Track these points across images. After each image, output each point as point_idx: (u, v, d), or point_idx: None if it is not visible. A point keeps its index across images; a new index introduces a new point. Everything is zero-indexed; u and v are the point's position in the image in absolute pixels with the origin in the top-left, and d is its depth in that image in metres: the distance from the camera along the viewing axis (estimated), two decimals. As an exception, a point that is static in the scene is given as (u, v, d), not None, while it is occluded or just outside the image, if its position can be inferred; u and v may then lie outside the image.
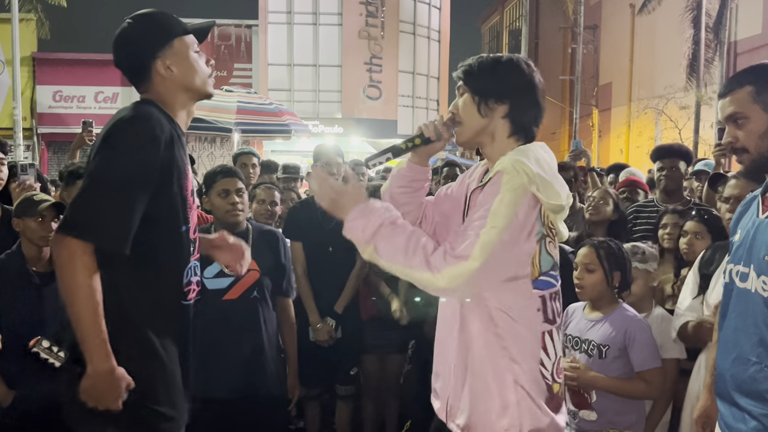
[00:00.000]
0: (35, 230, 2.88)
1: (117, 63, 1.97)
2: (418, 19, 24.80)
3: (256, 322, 3.00)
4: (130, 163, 1.73)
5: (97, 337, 1.71)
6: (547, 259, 1.77)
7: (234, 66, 20.99)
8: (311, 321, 3.60)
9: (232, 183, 3.02)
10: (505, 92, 1.78)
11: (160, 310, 1.85)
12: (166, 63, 1.90)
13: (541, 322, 1.76)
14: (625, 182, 4.66)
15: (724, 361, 1.78)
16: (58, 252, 1.71)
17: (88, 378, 1.72)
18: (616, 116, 24.22)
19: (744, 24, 17.07)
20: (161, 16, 1.97)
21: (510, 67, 1.81)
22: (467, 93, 1.82)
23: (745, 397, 1.70)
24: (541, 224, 1.72)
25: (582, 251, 2.73)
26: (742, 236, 1.79)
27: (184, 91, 1.95)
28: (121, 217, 1.72)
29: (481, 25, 41.69)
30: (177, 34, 1.94)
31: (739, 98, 1.73)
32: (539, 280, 1.75)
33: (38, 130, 18.35)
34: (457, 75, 1.85)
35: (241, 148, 5.64)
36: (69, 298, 1.71)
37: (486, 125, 1.81)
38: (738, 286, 1.76)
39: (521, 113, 1.80)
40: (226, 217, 3.01)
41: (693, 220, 3.11)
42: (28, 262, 2.91)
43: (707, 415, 2.05)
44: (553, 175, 1.73)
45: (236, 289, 2.97)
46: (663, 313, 2.91)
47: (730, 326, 1.78)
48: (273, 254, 3.09)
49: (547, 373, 1.77)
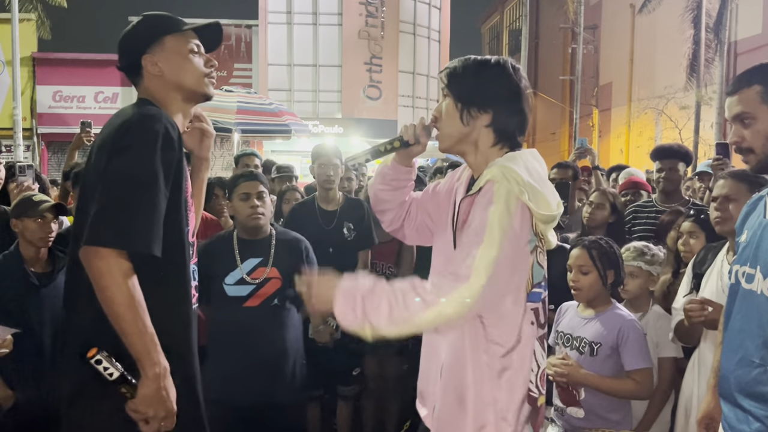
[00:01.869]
0: (35, 231, 2.87)
1: (118, 62, 1.96)
2: (418, 19, 24.78)
3: (277, 330, 2.96)
4: (149, 163, 1.69)
5: (152, 339, 1.67)
6: (539, 270, 1.72)
7: (234, 66, 20.99)
8: (312, 323, 3.58)
9: (253, 186, 2.97)
10: (488, 101, 1.71)
11: (168, 313, 1.81)
12: (154, 59, 1.88)
13: (535, 331, 1.72)
14: (628, 184, 4.64)
15: (729, 362, 1.77)
16: (94, 265, 1.65)
17: (147, 383, 1.67)
18: (616, 116, 24.21)
19: (744, 24, 17.06)
20: (160, 15, 1.95)
21: (495, 72, 1.74)
22: (450, 98, 1.75)
23: (748, 399, 1.69)
24: (533, 234, 1.67)
25: (575, 253, 2.73)
26: (748, 237, 1.78)
27: (175, 89, 1.90)
28: (149, 219, 1.67)
29: (481, 25, 41.68)
30: (169, 31, 1.91)
31: (747, 98, 1.71)
32: (532, 292, 1.70)
33: (38, 130, 18.35)
34: (441, 77, 1.79)
35: (243, 149, 5.64)
36: (116, 308, 1.65)
37: (468, 133, 1.74)
38: (744, 287, 1.75)
39: (505, 122, 1.73)
40: (247, 221, 2.96)
41: (688, 221, 3.12)
42: (26, 262, 2.90)
43: (710, 416, 2.04)
44: (543, 184, 1.67)
45: (257, 297, 2.94)
46: (660, 311, 2.91)
47: (735, 327, 1.78)
48: (296, 262, 3.00)
49: (533, 386, 1.72)
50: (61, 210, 2.97)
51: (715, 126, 16.01)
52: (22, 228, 2.88)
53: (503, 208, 1.60)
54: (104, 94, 18.46)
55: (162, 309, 1.75)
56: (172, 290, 1.82)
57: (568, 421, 2.68)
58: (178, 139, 1.78)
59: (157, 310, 1.73)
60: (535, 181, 1.64)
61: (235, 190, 3.02)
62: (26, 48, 17.52)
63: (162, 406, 1.69)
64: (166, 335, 1.74)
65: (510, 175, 1.62)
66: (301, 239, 3.15)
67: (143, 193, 1.67)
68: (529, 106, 1.78)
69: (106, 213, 1.66)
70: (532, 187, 1.62)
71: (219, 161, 14.49)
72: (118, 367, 1.67)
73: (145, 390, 1.67)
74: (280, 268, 2.97)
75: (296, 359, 3.06)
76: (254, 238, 3.00)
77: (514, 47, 31.99)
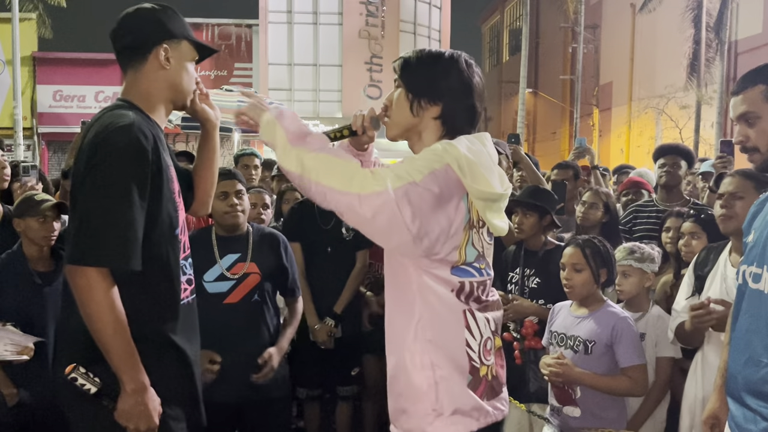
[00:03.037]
0: (37, 230, 2.88)
1: (117, 34, 1.91)
2: (419, 18, 24.77)
3: (258, 325, 2.97)
4: (119, 179, 1.72)
5: (131, 356, 1.73)
6: (472, 251, 1.71)
7: (234, 65, 20.97)
8: (309, 323, 3.59)
9: (230, 185, 2.98)
10: (439, 93, 1.72)
11: (158, 311, 1.86)
12: (168, 53, 1.89)
13: (461, 302, 1.70)
14: (628, 183, 4.64)
15: (736, 362, 1.78)
16: (76, 282, 1.72)
17: (126, 398, 1.73)
18: (617, 116, 24.21)
19: (744, 23, 17.05)
20: (182, 19, 1.97)
21: (448, 66, 1.74)
22: (402, 88, 1.76)
23: (756, 399, 1.70)
24: (467, 210, 1.66)
25: (568, 251, 2.77)
26: (755, 237, 1.79)
27: (170, 89, 1.93)
28: (124, 234, 1.71)
29: (481, 24, 41.63)
30: (190, 38, 1.95)
31: (752, 97, 1.73)
32: (460, 267, 1.69)
33: (38, 129, 18.37)
34: (395, 67, 1.80)
35: (243, 149, 5.63)
36: (96, 324, 1.71)
37: (416, 124, 1.76)
38: (751, 287, 1.75)
39: (454, 116, 1.74)
40: (224, 219, 2.98)
41: (689, 221, 3.11)
42: (29, 262, 2.92)
43: (716, 416, 2.05)
44: (482, 162, 1.65)
45: (237, 293, 2.95)
46: (660, 312, 2.91)
47: (742, 327, 1.78)
48: (274, 257, 3.05)
49: (474, 354, 1.70)
50: (63, 209, 2.98)
51: (716, 125, 16.01)
52: (25, 227, 2.90)
53: (433, 155, 1.62)
54: (105, 93, 18.46)
55: (151, 306, 1.83)
56: (154, 285, 1.85)
57: (565, 420, 2.69)
58: (154, 143, 1.80)
59: (147, 307, 1.81)
60: (474, 156, 1.63)
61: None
62: (27, 47, 17.54)
63: (142, 420, 1.75)
64: (156, 329, 1.82)
65: (445, 146, 1.63)
66: (278, 234, 3.17)
67: (116, 210, 1.71)
68: (482, 102, 1.78)
69: (82, 231, 1.71)
70: (468, 159, 1.61)
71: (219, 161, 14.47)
72: (95, 383, 1.73)
73: (123, 405, 1.74)
74: (259, 263, 2.98)
75: None
76: (232, 235, 3.01)
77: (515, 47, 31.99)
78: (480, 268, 1.74)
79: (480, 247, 1.74)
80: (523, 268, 3.24)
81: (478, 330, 1.72)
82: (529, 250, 3.27)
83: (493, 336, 1.77)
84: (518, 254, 3.30)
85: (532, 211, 3.20)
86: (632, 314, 2.88)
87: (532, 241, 3.26)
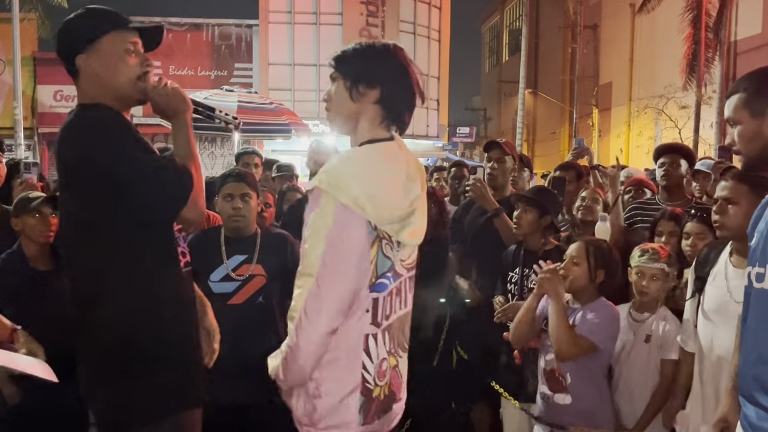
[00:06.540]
0: (34, 226, 2.90)
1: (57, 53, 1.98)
2: (419, 18, 24.78)
3: (261, 327, 2.95)
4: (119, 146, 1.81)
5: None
6: (384, 262, 1.74)
7: (234, 65, 20.98)
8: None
9: (237, 188, 2.96)
10: (376, 76, 1.76)
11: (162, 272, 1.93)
12: (89, 60, 1.90)
13: (368, 324, 1.74)
14: (632, 181, 4.63)
15: (746, 361, 1.79)
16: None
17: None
18: (616, 116, 24.22)
19: (744, 24, 17.06)
20: (101, 11, 1.95)
21: (381, 52, 1.79)
22: (339, 79, 1.80)
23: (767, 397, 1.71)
24: (372, 228, 1.69)
25: (573, 245, 2.82)
26: (757, 239, 1.81)
27: (109, 89, 1.92)
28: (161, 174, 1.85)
29: (481, 24, 41.64)
30: (108, 29, 1.90)
31: (733, 103, 1.83)
32: (376, 284, 1.73)
33: (39, 129, 18.38)
34: (330, 63, 1.84)
35: (244, 147, 5.63)
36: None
37: (357, 111, 1.78)
38: (755, 286, 1.77)
39: (392, 98, 1.77)
40: (228, 222, 2.97)
41: (693, 221, 3.08)
42: (29, 260, 2.92)
43: (725, 419, 2.06)
44: (380, 185, 1.69)
45: (241, 294, 2.94)
46: (667, 313, 2.90)
47: (750, 327, 1.80)
48: (281, 258, 3.00)
49: (369, 377, 1.76)
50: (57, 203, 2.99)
51: (715, 126, 16.02)
52: (23, 225, 2.92)
53: (322, 213, 1.67)
54: (105, 93, 18.46)
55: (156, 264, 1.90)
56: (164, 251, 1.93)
57: (555, 408, 2.70)
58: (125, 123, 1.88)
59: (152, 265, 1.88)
60: (366, 187, 1.66)
61: (222, 189, 3.02)
62: (27, 47, 17.53)
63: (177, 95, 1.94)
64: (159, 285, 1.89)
65: (336, 183, 1.66)
66: (286, 236, 3.14)
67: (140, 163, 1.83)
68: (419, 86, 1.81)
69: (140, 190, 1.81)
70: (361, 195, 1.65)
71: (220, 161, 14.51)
72: None
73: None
74: (265, 265, 2.97)
75: None
76: (240, 236, 3.01)
77: (514, 47, 32.01)
78: (391, 276, 1.78)
79: (393, 256, 1.77)
80: (523, 268, 3.26)
81: (377, 353, 1.77)
82: (528, 250, 3.28)
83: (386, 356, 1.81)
84: (518, 254, 3.31)
85: (532, 208, 3.22)
86: (641, 315, 2.90)
87: (532, 241, 3.27)
